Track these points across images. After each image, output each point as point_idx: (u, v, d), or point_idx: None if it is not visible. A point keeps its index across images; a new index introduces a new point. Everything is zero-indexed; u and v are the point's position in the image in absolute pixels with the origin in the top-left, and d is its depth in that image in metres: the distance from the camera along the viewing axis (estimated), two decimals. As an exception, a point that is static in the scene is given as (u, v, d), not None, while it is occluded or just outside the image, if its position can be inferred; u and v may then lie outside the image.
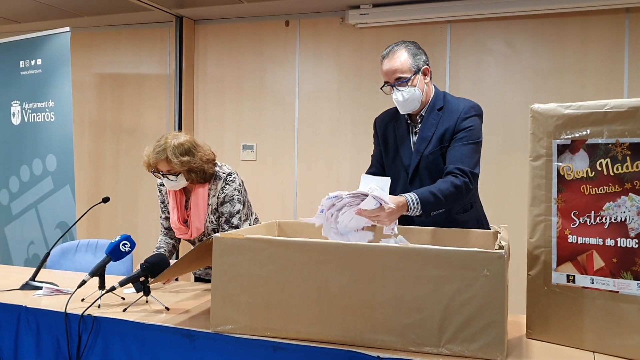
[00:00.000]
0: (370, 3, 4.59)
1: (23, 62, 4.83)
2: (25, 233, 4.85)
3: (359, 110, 4.85)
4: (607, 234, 1.71)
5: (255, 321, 1.85)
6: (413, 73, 2.45)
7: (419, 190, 2.28)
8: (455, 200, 2.35)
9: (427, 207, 2.25)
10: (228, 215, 2.65)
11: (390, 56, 2.48)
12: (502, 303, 1.64)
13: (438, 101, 2.53)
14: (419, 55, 2.49)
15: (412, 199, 2.22)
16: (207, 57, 5.37)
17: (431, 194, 2.26)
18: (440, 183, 2.33)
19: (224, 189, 2.66)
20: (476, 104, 2.50)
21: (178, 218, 2.71)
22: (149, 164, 2.59)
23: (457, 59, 4.58)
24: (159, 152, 2.55)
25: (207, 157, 2.65)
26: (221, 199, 2.65)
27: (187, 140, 2.61)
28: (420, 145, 2.50)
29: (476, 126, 2.46)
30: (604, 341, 1.72)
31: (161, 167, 2.58)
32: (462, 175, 2.34)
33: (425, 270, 1.69)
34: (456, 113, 2.46)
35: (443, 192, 2.28)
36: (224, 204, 2.65)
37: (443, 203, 2.29)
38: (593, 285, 1.74)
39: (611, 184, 1.70)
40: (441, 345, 1.68)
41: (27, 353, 2.18)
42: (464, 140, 2.42)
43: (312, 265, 1.78)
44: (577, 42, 4.27)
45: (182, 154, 2.55)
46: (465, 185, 2.33)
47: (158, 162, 2.56)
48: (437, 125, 2.48)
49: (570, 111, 1.78)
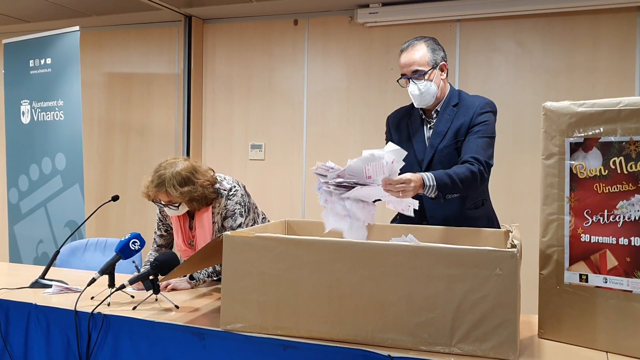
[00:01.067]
0: (379, 2, 4.57)
1: (33, 61, 4.86)
2: (34, 232, 4.87)
3: (367, 109, 4.84)
4: (620, 233, 1.69)
5: (265, 319, 1.84)
6: (431, 67, 2.47)
7: (434, 172, 2.28)
8: (470, 186, 2.34)
9: (443, 188, 2.25)
10: (229, 230, 2.59)
11: (409, 49, 2.51)
12: (515, 302, 1.62)
13: (453, 98, 2.54)
14: (438, 51, 2.52)
15: (428, 176, 2.22)
16: (216, 56, 5.37)
17: (447, 176, 2.27)
18: (456, 168, 2.34)
19: (227, 205, 2.60)
20: (491, 101, 2.53)
21: (183, 240, 2.68)
22: (148, 195, 2.53)
23: (467, 58, 4.56)
24: (158, 185, 2.46)
25: (208, 181, 2.56)
26: (223, 214, 2.61)
27: (185, 167, 2.51)
28: (435, 139, 2.51)
29: (491, 122, 2.47)
30: (618, 341, 1.71)
31: (161, 198, 2.51)
32: (477, 163, 2.35)
33: (437, 269, 1.68)
34: (472, 108, 2.48)
35: (459, 175, 2.29)
36: (226, 219, 2.60)
37: (459, 186, 2.29)
38: (606, 284, 1.72)
39: (625, 183, 1.69)
40: (453, 345, 1.67)
41: (37, 351, 2.19)
42: (479, 133, 2.43)
43: (323, 264, 1.78)
44: (587, 40, 4.24)
45: (182, 185, 2.46)
46: (480, 173, 2.34)
47: (158, 194, 2.50)
48: (452, 120, 2.50)
49: (584, 109, 1.76)
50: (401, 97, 2.74)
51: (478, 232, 2.29)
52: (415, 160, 2.55)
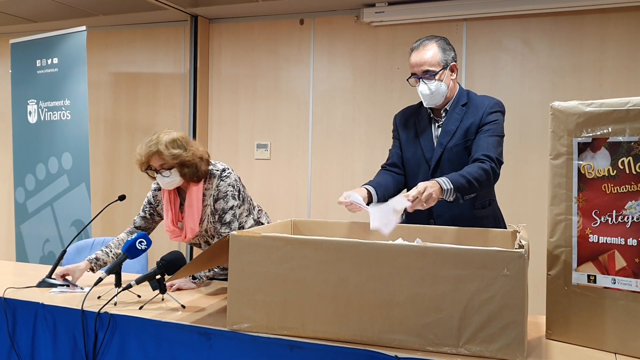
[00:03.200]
0: (385, 1, 4.57)
1: (40, 61, 4.88)
2: (40, 231, 4.89)
3: (373, 109, 4.83)
4: (629, 234, 1.68)
5: (271, 319, 1.84)
6: (441, 68, 2.47)
7: (448, 175, 2.28)
8: (485, 183, 2.35)
9: (461, 190, 2.26)
10: (221, 212, 2.62)
11: (421, 49, 2.50)
12: (522, 303, 1.62)
13: (462, 97, 2.55)
14: (449, 51, 2.51)
15: (443, 181, 2.23)
16: (222, 56, 5.38)
17: (462, 177, 2.27)
18: (468, 168, 2.34)
19: (219, 185, 2.64)
20: (500, 101, 2.53)
21: (172, 220, 2.69)
22: (141, 161, 2.58)
23: (473, 57, 4.55)
24: (151, 146, 2.54)
25: (200, 155, 2.62)
26: (215, 195, 2.63)
27: (179, 135, 2.61)
28: (444, 138, 2.51)
29: (500, 121, 2.48)
30: (626, 343, 1.70)
31: (154, 162, 2.56)
32: (489, 161, 2.35)
33: (444, 270, 1.67)
34: (481, 108, 2.49)
35: (473, 175, 2.29)
36: (218, 201, 2.63)
37: (475, 186, 2.29)
38: (615, 285, 1.71)
39: (633, 183, 1.68)
40: (460, 346, 1.66)
41: (44, 350, 2.20)
42: (489, 132, 2.44)
43: (329, 264, 1.77)
44: (595, 40, 4.22)
45: (174, 147, 2.55)
46: (492, 170, 2.35)
47: (150, 156, 2.55)
48: (461, 119, 2.50)
49: (592, 109, 1.75)
50: (407, 97, 2.74)
51: (485, 232, 2.28)
52: (423, 159, 2.55)
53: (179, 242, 5.13)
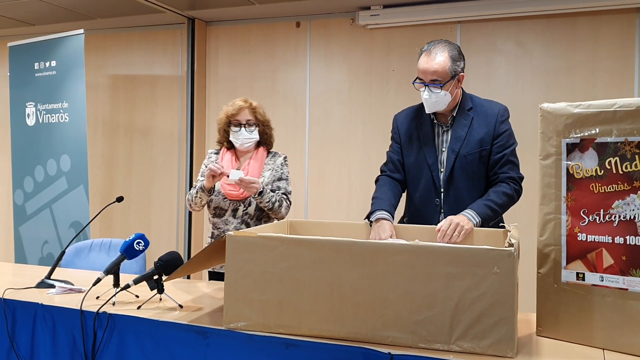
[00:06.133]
0: (380, 4, 4.60)
1: (38, 63, 4.90)
2: (39, 232, 4.91)
3: (369, 110, 4.86)
4: (616, 232, 1.72)
5: (267, 318, 1.87)
6: (449, 78, 2.44)
7: (474, 206, 2.38)
8: (509, 207, 2.49)
9: (488, 221, 2.38)
10: (284, 191, 2.95)
11: (432, 56, 2.44)
12: (512, 300, 1.65)
13: (467, 102, 2.56)
14: (459, 62, 2.48)
15: (471, 215, 2.34)
16: (219, 58, 5.41)
17: (488, 208, 2.39)
18: (493, 194, 2.44)
19: (282, 167, 2.98)
20: (506, 107, 2.59)
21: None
22: (230, 113, 2.92)
23: (468, 59, 4.48)
24: (245, 101, 2.93)
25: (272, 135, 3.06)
26: (278, 174, 2.96)
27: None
28: (455, 144, 2.51)
29: (511, 129, 2.56)
30: (614, 338, 1.73)
31: (242, 116, 2.91)
32: (512, 183, 2.48)
33: (436, 268, 1.70)
34: (492, 117, 2.52)
35: (498, 203, 2.43)
36: (281, 180, 2.96)
37: (499, 213, 2.45)
38: (603, 282, 1.75)
39: (620, 182, 1.71)
40: (452, 342, 1.70)
41: (43, 350, 2.22)
42: (505, 146, 2.51)
43: (324, 263, 1.81)
44: (587, 41, 4.26)
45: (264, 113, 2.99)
46: (516, 193, 2.50)
47: (243, 109, 2.91)
48: (469, 125, 2.51)
49: (580, 110, 1.79)
50: (403, 98, 2.77)
51: (477, 231, 2.31)
52: (425, 163, 2.55)
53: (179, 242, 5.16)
